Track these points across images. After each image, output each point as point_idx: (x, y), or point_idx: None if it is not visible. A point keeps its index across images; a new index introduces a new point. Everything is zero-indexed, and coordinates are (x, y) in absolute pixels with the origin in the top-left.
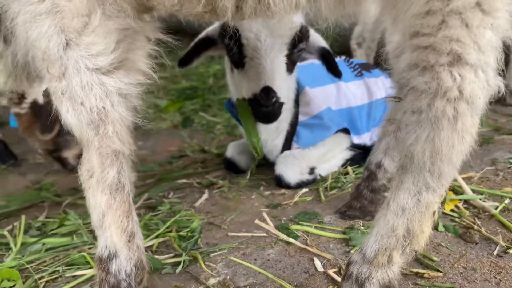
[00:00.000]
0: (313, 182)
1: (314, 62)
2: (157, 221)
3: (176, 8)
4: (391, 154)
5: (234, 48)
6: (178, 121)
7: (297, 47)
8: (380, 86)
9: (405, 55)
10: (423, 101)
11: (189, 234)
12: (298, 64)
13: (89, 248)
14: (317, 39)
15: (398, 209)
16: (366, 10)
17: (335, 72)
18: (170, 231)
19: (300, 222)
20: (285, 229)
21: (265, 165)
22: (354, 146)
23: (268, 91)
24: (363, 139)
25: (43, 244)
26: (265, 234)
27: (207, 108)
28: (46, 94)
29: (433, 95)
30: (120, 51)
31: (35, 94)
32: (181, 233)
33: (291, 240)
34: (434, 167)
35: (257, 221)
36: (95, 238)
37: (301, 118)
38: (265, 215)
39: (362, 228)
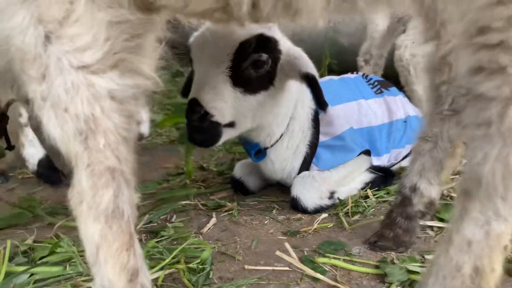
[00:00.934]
0: (331, 207)
1: (332, 78)
2: (161, 250)
3: (181, 4)
4: (428, 176)
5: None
6: (175, 136)
7: (247, 59)
8: (399, 105)
9: (466, 58)
10: (492, 111)
11: (200, 266)
12: None
13: (84, 281)
14: (302, 62)
15: (463, 244)
16: (376, 23)
17: (320, 104)
18: (178, 262)
19: (326, 254)
20: (310, 262)
21: (275, 186)
22: (372, 168)
23: (192, 103)
24: (383, 160)
25: (31, 274)
26: (287, 268)
27: None
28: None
29: (505, 103)
30: (112, 47)
31: None
32: (190, 265)
33: (318, 276)
34: (508, 192)
35: (278, 253)
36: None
37: (322, 138)
38: (287, 245)
39: (397, 261)
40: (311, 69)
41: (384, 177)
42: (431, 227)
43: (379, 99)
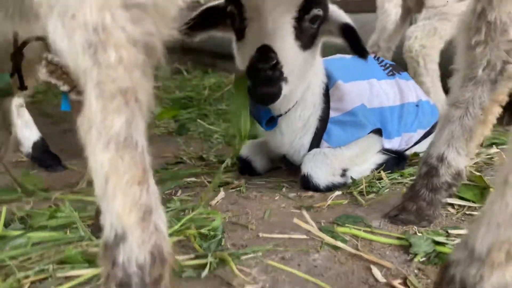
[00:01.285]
0: (343, 186)
1: (344, 56)
2: (168, 218)
3: None
4: (456, 145)
5: (236, 12)
6: (173, 128)
7: (309, 12)
8: (412, 89)
9: None
10: None
11: (211, 233)
12: (328, 58)
13: (87, 245)
14: (338, 14)
15: None
16: (389, 12)
17: (361, 51)
18: (188, 229)
19: (346, 225)
20: (329, 231)
21: (282, 169)
22: (384, 150)
23: (265, 50)
24: (394, 143)
25: (29, 238)
26: (305, 236)
27: (204, 117)
28: None
29: None
30: None
31: None
32: (201, 231)
33: (339, 244)
34: None
35: (296, 220)
36: (93, 234)
37: (333, 114)
38: (305, 213)
39: (420, 234)
40: (348, 19)
41: (397, 159)
42: (451, 205)
43: (391, 81)
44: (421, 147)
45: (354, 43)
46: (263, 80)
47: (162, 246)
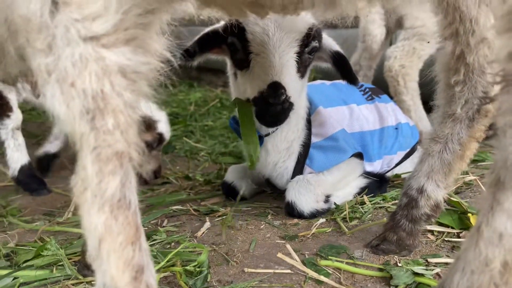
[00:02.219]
0: (327, 212)
1: (324, 82)
2: (155, 253)
3: None
4: (436, 178)
5: (238, 45)
6: None
7: (308, 45)
8: (390, 112)
9: (505, 42)
10: None
11: (197, 269)
12: (309, 83)
13: (73, 285)
14: (330, 43)
15: (493, 236)
16: (374, 34)
17: (351, 78)
18: (173, 265)
19: (328, 257)
20: (313, 264)
21: (267, 193)
22: (365, 174)
23: (276, 86)
24: (375, 166)
25: (14, 278)
26: (289, 271)
27: (190, 134)
28: None
29: None
30: (124, 18)
31: None
32: (187, 267)
33: (322, 278)
34: None
35: (280, 255)
36: (80, 272)
37: (314, 139)
38: (288, 247)
39: (400, 264)
40: (338, 48)
41: (379, 182)
42: (431, 231)
43: (370, 105)
44: (402, 168)
45: (344, 69)
46: (278, 111)
47: None
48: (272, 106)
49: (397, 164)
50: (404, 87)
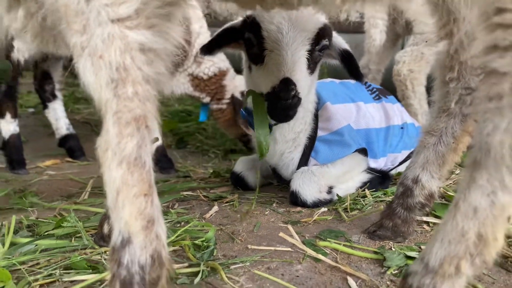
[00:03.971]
0: (330, 202)
1: (334, 80)
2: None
3: None
4: (430, 169)
5: (254, 41)
6: (171, 141)
7: (319, 44)
8: (397, 112)
9: (483, 37)
10: (504, 85)
11: (204, 244)
12: (319, 81)
13: (91, 253)
14: (339, 41)
15: (469, 210)
16: (373, 38)
17: (357, 75)
18: (183, 240)
19: (327, 239)
20: (312, 245)
21: (274, 185)
22: (369, 170)
23: (287, 83)
24: (379, 163)
25: (37, 245)
26: (290, 249)
27: (202, 131)
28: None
29: None
30: (144, 6)
31: (232, 89)
32: (195, 242)
33: (320, 256)
34: None
35: (281, 234)
36: (96, 242)
37: (320, 133)
38: (290, 227)
39: (394, 249)
40: (347, 46)
41: (381, 178)
42: (427, 223)
43: (377, 104)
44: (406, 167)
45: (351, 67)
46: (288, 105)
47: (161, 251)
48: (282, 101)
49: (401, 163)
50: (412, 91)
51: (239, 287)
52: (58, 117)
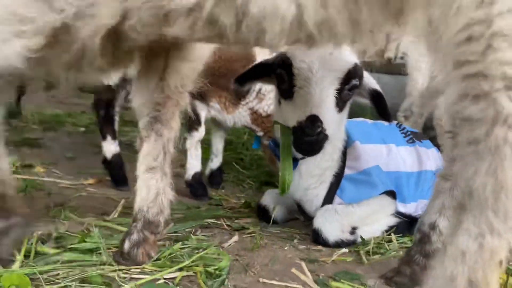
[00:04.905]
0: (352, 244)
1: (366, 120)
2: (182, 253)
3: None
4: (447, 214)
5: (286, 77)
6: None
7: (349, 83)
8: (431, 157)
9: (454, 86)
10: (480, 130)
11: (217, 272)
12: (350, 119)
13: (108, 269)
14: (369, 81)
15: (457, 254)
16: (416, 81)
17: (385, 115)
18: (196, 266)
19: (341, 281)
20: (324, 285)
21: (299, 220)
22: (398, 214)
23: (313, 119)
24: (409, 208)
25: (59, 257)
26: (301, 287)
27: (239, 161)
28: None
29: (491, 123)
30: None
31: None
32: (208, 269)
33: None
34: (498, 205)
35: (293, 270)
36: (114, 259)
37: (348, 172)
38: (303, 264)
39: None
40: (377, 86)
41: (409, 223)
42: None
43: (410, 148)
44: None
45: (380, 106)
46: (313, 142)
47: None
48: (308, 137)
49: None
50: None
51: None
52: None
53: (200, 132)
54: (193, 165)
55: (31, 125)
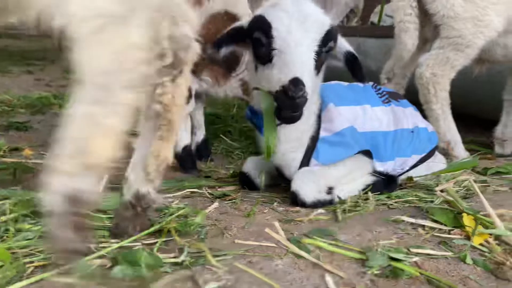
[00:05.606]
0: (330, 203)
1: (341, 83)
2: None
3: None
4: None
5: (264, 41)
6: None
7: (326, 45)
8: (408, 116)
9: None
10: None
11: (192, 227)
12: (324, 83)
13: None
14: (343, 43)
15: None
16: (405, 43)
17: (360, 76)
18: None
19: (314, 237)
20: (297, 242)
21: (280, 186)
22: (376, 173)
23: (297, 82)
24: (386, 167)
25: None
26: (274, 245)
27: (227, 134)
28: None
29: None
30: None
31: None
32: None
33: (302, 253)
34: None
35: (267, 230)
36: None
37: (323, 134)
38: (276, 224)
39: (381, 249)
40: (351, 48)
41: (387, 182)
42: (423, 226)
43: (385, 108)
44: (416, 172)
45: (354, 68)
46: (294, 106)
47: None
48: (292, 100)
49: (412, 167)
50: (434, 95)
51: (217, 278)
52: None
53: (190, 105)
54: (183, 136)
55: (18, 109)
